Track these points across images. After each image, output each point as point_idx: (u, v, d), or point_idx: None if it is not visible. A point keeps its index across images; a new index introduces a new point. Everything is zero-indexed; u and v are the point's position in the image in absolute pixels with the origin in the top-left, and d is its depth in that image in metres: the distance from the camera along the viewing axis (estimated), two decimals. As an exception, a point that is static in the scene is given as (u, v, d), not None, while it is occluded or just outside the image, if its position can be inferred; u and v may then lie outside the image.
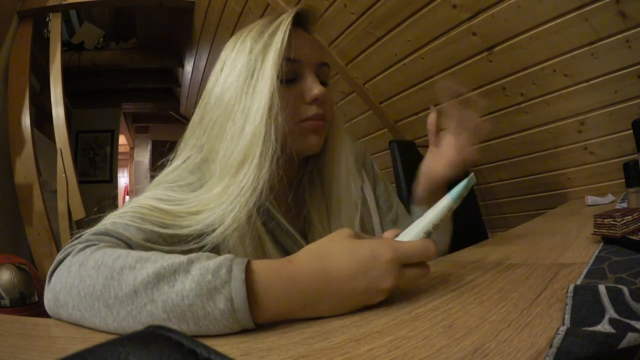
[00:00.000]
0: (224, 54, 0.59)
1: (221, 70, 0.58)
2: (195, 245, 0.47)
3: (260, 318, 0.35)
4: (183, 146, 0.60)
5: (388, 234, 0.47)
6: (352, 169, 0.64)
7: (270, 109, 0.51)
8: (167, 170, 0.58)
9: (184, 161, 0.58)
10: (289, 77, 0.56)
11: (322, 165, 0.64)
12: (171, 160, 0.60)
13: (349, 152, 0.64)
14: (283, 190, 0.59)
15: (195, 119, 0.60)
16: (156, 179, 0.56)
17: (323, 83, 0.60)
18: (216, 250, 0.49)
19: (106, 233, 0.44)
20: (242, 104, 0.53)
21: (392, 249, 0.39)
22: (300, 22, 0.61)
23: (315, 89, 0.57)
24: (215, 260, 0.35)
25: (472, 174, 0.47)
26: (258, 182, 0.50)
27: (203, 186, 0.53)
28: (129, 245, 0.44)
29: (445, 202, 0.45)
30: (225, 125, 0.54)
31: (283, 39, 0.54)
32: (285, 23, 0.55)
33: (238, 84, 0.54)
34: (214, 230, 0.47)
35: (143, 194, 0.53)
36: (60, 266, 0.40)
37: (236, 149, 0.52)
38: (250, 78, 0.54)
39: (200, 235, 0.48)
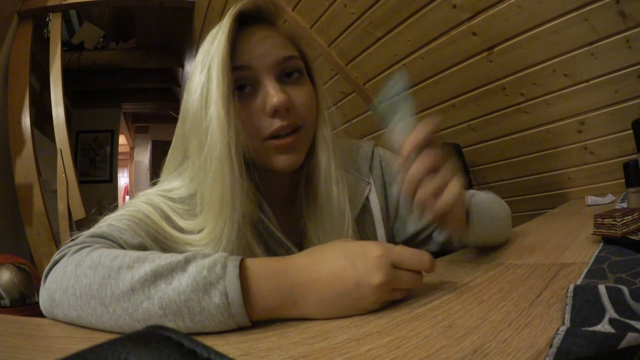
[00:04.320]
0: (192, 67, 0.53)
1: (186, 89, 0.52)
2: None
3: (254, 314, 0.35)
4: (169, 161, 0.58)
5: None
6: (338, 177, 0.57)
7: (225, 134, 0.46)
8: (158, 183, 0.57)
9: (167, 179, 0.57)
10: (243, 88, 0.50)
11: (310, 171, 0.58)
12: (161, 171, 0.59)
13: (329, 157, 0.56)
14: (275, 200, 0.57)
15: (176, 134, 0.56)
16: (147, 191, 0.55)
17: (294, 75, 0.53)
18: None
19: (102, 236, 0.45)
20: (201, 132, 0.48)
21: (383, 247, 0.39)
22: (255, 19, 0.54)
23: (273, 97, 0.48)
24: (211, 258, 0.36)
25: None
26: (234, 222, 0.47)
27: (196, 216, 0.51)
28: (124, 249, 0.44)
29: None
30: (195, 149, 0.50)
31: (223, 47, 0.47)
32: (224, 28, 0.48)
33: (194, 107, 0.49)
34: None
35: (139, 197, 0.53)
36: (56, 267, 0.41)
37: (209, 186, 0.48)
38: (203, 102, 0.48)
39: None
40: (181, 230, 0.50)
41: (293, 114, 0.51)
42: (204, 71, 0.48)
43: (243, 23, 0.52)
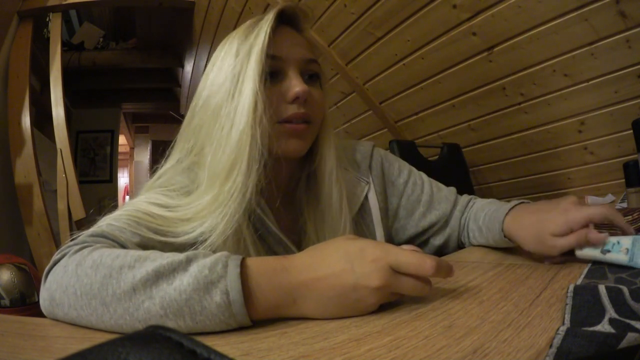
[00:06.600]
0: (213, 56, 0.58)
1: (210, 73, 0.57)
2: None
3: (254, 313, 0.36)
4: (174, 148, 0.60)
5: None
6: (339, 178, 0.60)
7: (254, 109, 0.50)
8: (160, 172, 0.58)
9: (173, 165, 0.58)
10: (270, 74, 0.54)
11: (313, 170, 0.61)
12: (164, 162, 0.60)
13: (333, 159, 0.60)
14: (275, 196, 0.58)
15: (185, 121, 0.59)
16: (148, 183, 0.56)
17: (312, 77, 0.59)
18: None
19: (102, 235, 0.45)
20: (228, 108, 0.52)
21: (383, 250, 0.38)
22: (289, 21, 0.59)
23: (296, 86, 0.54)
24: (212, 257, 0.36)
25: None
26: (247, 187, 0.49)
27: (194, 192, 0.53)
28: (125, 247, 0.44)
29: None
30: (213, 129, 0.53)
31: (265, 36, 0.53)
32: (267, 21, 0.54)
33: (225, 86, 0.54)
34: (206, 240, 0.48)
35: (137, 197, 0.53)
36: (56, 266, 0.41)
37: (224, 156, 0.51)
38: (236, 80, 0.53)
39: (193, 244, 0.48)
40: (180, 207, 0.51)
41: (309, 107, 0.56)
42: (240, 54, 0.53)
43: (279, 21, 0.57)
